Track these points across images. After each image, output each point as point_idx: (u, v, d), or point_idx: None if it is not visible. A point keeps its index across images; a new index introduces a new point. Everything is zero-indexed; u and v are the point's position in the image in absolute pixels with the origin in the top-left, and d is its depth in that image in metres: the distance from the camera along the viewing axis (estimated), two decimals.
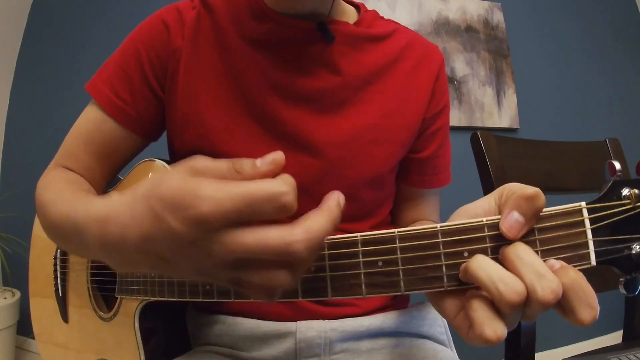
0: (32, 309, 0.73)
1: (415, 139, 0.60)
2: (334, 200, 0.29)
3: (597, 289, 0.81)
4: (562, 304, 0.28)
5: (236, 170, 0.28)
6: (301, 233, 0.26)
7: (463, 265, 0.30)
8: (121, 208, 0.30)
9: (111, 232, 0.30)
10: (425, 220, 0.64)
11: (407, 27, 0.63)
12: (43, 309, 0.70)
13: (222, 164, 0.28)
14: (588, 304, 0.27)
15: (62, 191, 0.47)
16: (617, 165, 0.30)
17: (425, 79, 0.59)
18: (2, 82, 1.87)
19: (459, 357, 0.56)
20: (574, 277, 0.28)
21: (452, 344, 0.60)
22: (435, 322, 0.60)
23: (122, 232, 0.29)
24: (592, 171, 0.87)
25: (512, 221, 0.29)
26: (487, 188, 0.79)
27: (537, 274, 0.27)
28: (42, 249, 0.70)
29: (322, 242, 0.27)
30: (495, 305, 0.28)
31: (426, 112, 0.59)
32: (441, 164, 0.64)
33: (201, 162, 0.28)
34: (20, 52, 1.91)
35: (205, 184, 0.26)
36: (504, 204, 0.31)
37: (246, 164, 0.28)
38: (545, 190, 0.84)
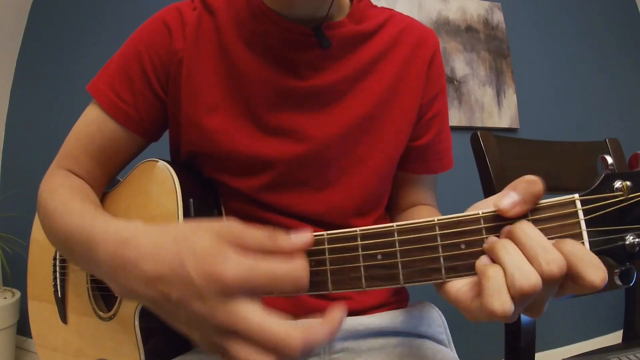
0: (30, 312, 0.73)
1: (414, 125, 0.60)
2: (339, 314, 0.31)
3: None
4: (569, 273, 0.28)
5: (271, 242, 0.31)
6: (302, 337, 0.27)
7: (490, 240, 0.31)
8: (145, 238, 0.32)
9: (127, 256, 0.32)
10: (426, 206, 0.64)
11: (400, 13, 0.62)
12: (42, 311, 0.70)
13: (258, 233, 0.31)
14: (593, 264, 0.27)
15: (70, 201, 0.48)
16: (609, 159, 0.31)
17: (420, 65, 0.59)
18: (2, 82, 1.87)
19: (459, 357, 0.56)
20: (572, 243, 0.28)
21: (452, 344, 0.60)
22: (435, 321, 0.60)
23: (137, 260, 0.31)
24: (592, 171, 0.86)
25: (507, 197, 0.30)
26: (487, 188, 0.79)
27: (542, 247, 0.28)
28: (41, 252, 0.70)
29: (315, 348, 0.29)
30: (508, 288, 0.28)
31: (422, 98, 0.59)
32: (443, 149, 0.64)
33: (237, 227, 0.31)
34: (20, 52, 1.91)
35: (236, 252, 0.29)
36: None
37: (281, 237, 0.31)
38: (546, 190, 0.85)
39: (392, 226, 0.33)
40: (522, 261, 0.28)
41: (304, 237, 0.33)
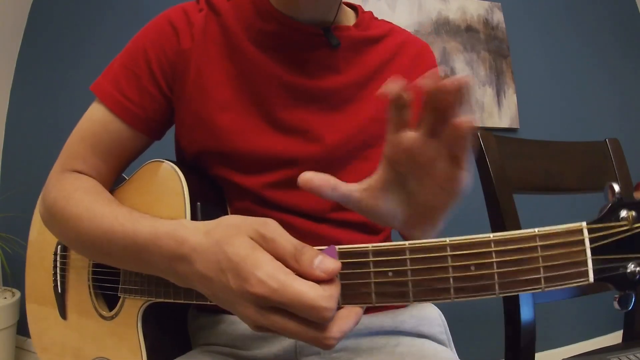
0: (28, 315, 0.72)
1: None
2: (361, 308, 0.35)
3: (598, 289, 0.81)
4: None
5: (296, 259, 0.32)
6: (338, 332, 0.32)
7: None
8: (195, 240, 0.36)
9: (184, 257, 0.37)
10: None
11: (399, 27, 0.65)
12: (41, 313, 0.70)
13: (288, 245, 0.33)
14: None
15: (94, 205, 0.49)
16: (617, 188, 0.32)
17: (422, 75, 0.60)
18: (2, 82, 1.87)
19: (459, 357, 0.56)
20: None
21: (452, 344, 0.60)
22: (435, 321, 0.60)
23: (191, 257, 0.36)
24: (592, 171, 0.87)
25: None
26: (487, 188, 0.79)
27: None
28: (39, 251, 0.70)
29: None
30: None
31: None
32: None
33: (272, 231, 0.34)
34: (20, 52, 1.91)
35: (266, 267, 0.31)
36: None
37: (306, 258, 0.32)
38: (546, 190, 0.85)
39: (405, 244, 0.34)
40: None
41: (331, 268, 0.32)
